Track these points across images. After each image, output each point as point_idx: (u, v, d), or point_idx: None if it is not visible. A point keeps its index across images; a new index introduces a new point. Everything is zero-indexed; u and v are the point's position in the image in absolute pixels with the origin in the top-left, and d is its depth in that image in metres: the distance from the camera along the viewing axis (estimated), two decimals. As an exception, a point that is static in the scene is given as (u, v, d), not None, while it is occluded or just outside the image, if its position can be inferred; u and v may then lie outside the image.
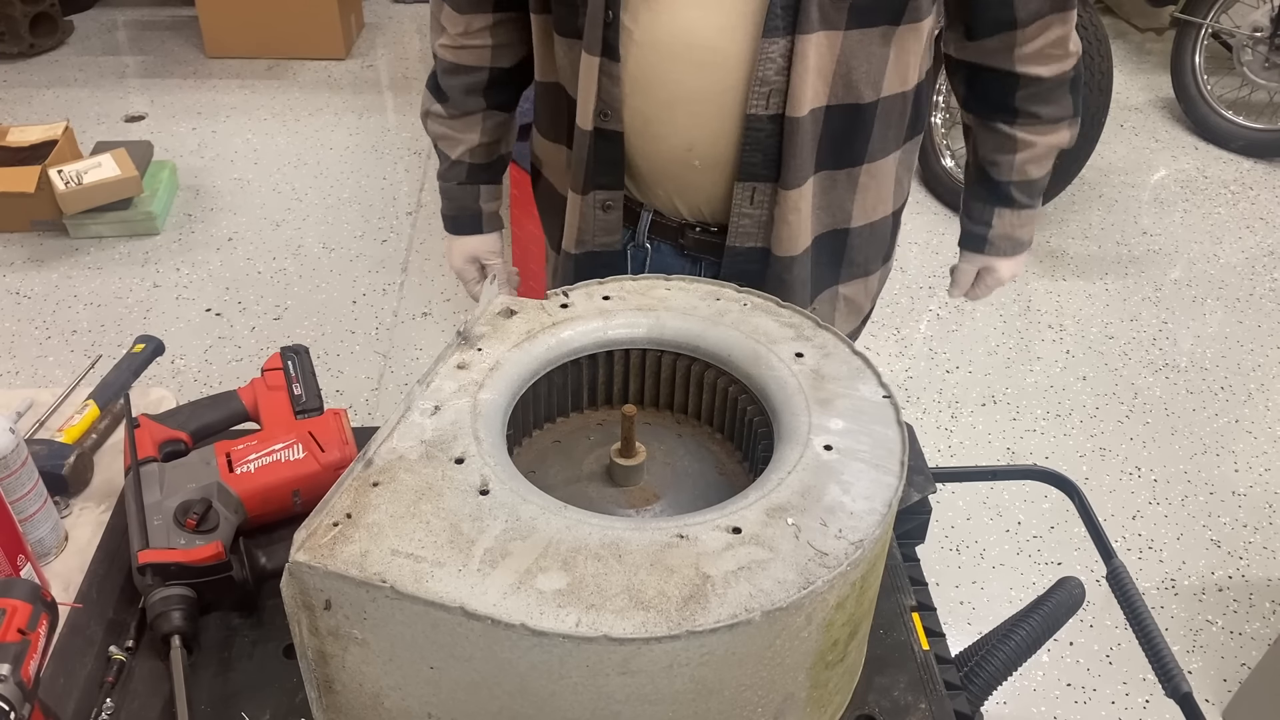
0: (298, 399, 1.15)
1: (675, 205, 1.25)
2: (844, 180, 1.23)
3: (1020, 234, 1.41)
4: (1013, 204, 1.37)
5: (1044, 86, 1.26)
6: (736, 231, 1.22)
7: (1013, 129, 1.31)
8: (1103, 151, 3.77)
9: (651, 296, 1.02)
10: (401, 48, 4.63)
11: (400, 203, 3.51)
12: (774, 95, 1.11)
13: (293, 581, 0.75)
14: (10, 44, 4.33)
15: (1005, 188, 1.36)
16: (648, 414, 1.03)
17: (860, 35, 1.10)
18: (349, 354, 2.84)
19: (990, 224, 1.40)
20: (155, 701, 0.93)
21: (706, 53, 1.11)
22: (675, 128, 1.17)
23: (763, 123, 1.13)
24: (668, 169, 1.21)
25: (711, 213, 1.24)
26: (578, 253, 1.30)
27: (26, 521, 1.06)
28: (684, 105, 1.15)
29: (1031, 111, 1.28)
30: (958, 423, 2.67)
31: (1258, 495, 2.47)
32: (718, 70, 1.12)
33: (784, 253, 1.22)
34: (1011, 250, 1.42)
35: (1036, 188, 1.37)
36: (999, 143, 1.33)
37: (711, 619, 0.69)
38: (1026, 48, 1.22)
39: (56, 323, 2.90)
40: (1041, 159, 1.34)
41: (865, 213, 1.28)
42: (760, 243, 1.22)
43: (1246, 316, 3.08)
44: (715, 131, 1.16)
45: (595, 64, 1.14)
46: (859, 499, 0.79)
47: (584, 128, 1.19)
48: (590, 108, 1.17)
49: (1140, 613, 1.18)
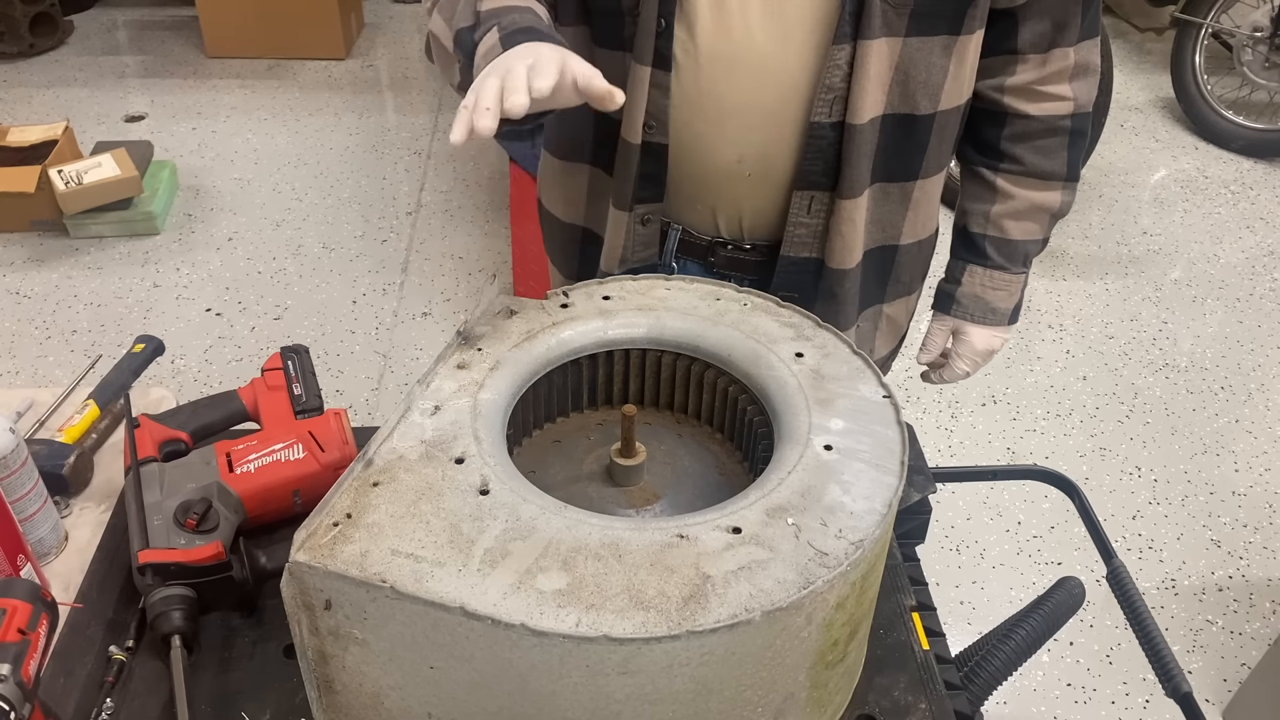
0: (298, 399, 1.15)
1: (714, 220, 1.22)
2: (897, 194, 1.20)
3: (991, 298, 1.30)
4: (985, 261, 1.28)
5: (1031, 128, 1.20)
6: (791, 241, 1.19)
7: (994, 175, 1.25)
8: (1103, 151, 3.77)
9: (651, 296, 1.02)
10: (401, 48, 4.63)
11: (400, 203, 3.51)
12: (837, 102, 1.09)
13: (293, 581, 0.75)
14: (10, 44, 4.33)
15: (979, 242, 1.28)
16: (648, 414, 1.03)
17: (920, 43, 1.08)
18: (349, 354, 2.84)
19: (959, 281, 1.31)
20: (155, 701, 0.93)
21: (766, 62, 1.09)
22: (726, 138, 1.14)
23: (824, 130, 1.10)
24: (713, 181, 1.18)
25: (752, 226, 1.21)
26: (620, 271, 1.25)
27: (26, 521, 1.06)
28: (737, 115, 1.12)
29: (1016, 156, 1.22)
30: (958, 423, 2.67)
31: (1258, 495, 2.47)
32: (776, 80, 1.10)
33: (837, 265, 1.18)
34: (982, 316, 1.31)
35: (1015, 251, 1.27)
36: (977, 191, 1.28)
37: (711, 619, 0.69)
38: (1019, 78, 1.18)
39: (56, 323, 2.90)
40: (1022, 216, 1.25)
41: (915, 230, 1.24)
42: (815, 254, 1.19)
43: (1246, 316, 3.08)
44: (767, 141, 1.13)
45: (646, 74, 1.11)
46: (859, 499, 0.79)
47: (631, 141, 1.15)
48: (639, 120, 1.13)
49: (1140, 613, 1.18)
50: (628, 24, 1.11)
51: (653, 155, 1.16)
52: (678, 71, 1.11)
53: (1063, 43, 1.16)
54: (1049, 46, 1.16)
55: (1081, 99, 1.20)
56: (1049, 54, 1.16)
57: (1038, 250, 1.30)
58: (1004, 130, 1.22)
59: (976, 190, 1.28)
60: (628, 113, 1.14)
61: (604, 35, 1.15)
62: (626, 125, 1.15)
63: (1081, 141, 1.22)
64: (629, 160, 1.17)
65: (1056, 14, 1.13)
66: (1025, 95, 1.19)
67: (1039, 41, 1.15)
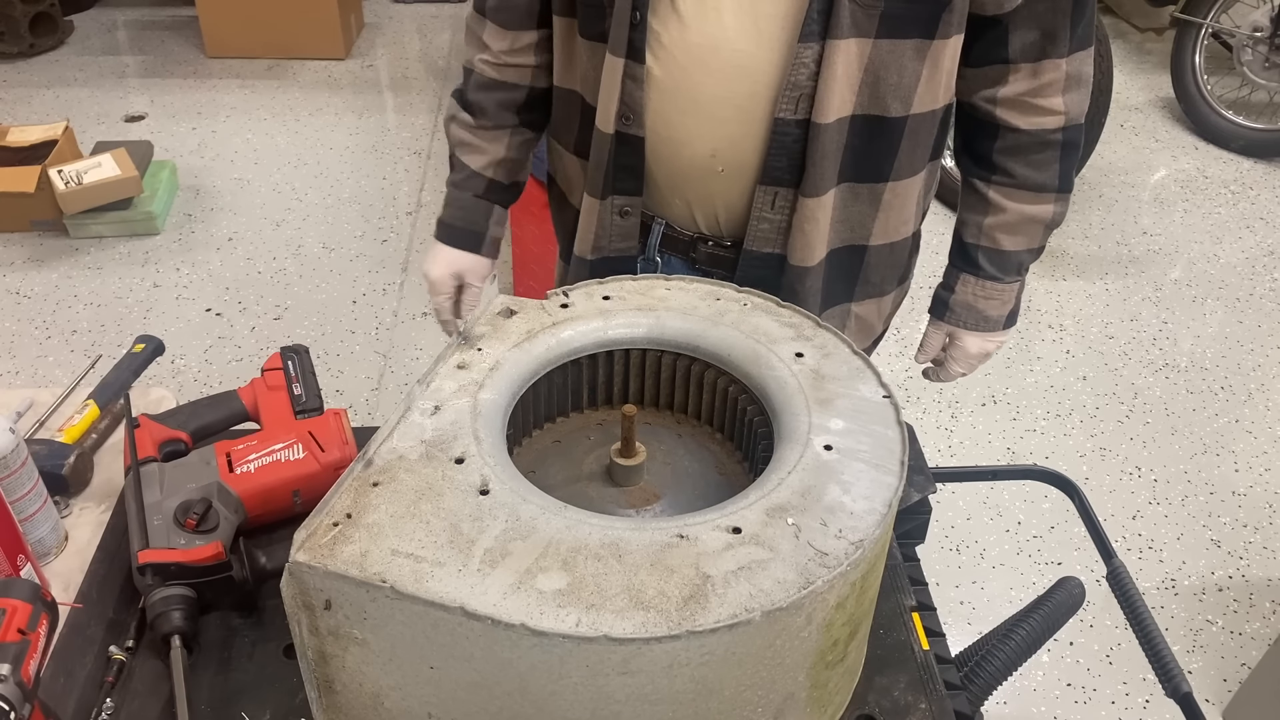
0: (298, 399, 1.15)
1: (692, 215, 1.23)
2: (866, 195, 1.20)
3: (984, 307, 1.31)
4: (977, 271, 1.30)
5: (1021, 142, 1.20)
6: (754, 236, 1.20)
7: (986, 187, 1.25)
8: (1103, 151, 3.77)
9: (651, 296, 1.02)
10: (401, 48, 4.63)
11: (400, 203, 3.51)
12: (803, 100, 1.09)
13: (293, 581, 0.75)
14: (10, 44, 4.33)
15: (972, 252, 1.29)
16: (648, 414, 1.03)
17: (891, 45, 1.08)
18: (349, 354, 2.84)
19: (953, 289, 1.33)
20: (155, 701, 0.93)
21: (737, 56, 1.10)
22: (699, 132, 1.15)
23: (790, 127, 1.11)
24: (689, 175, 1.19)
25: (727, 222, 1.23)
26: (593, 259, 1.28)
27: (26, 521, 1.06)
28: (709, 110, 1.13)
29: (1007, 169, 1.22)
30: (958, 423, 2.67)
31: (1258, 495, 2.47)
32: (747, 75, 1.10)
33: (799, 262, 1.19)
34: (974, 324, 1.33)
35: (1008, 261, 1.28)
36: (972, 201, 1.28)
37: (711, 619, 0.69)
38: (1010, 89, 1.18)
39: (56, 323, 2.90)
40: (1014, 229, 1.26)
41: (886, 232, 1.25)
42: (777, 249, 1.20)
43: (1246, 316, 3.08)
44: (739, 136, 1.14)
45: (620, 66, 1.12)
46: (859, 499, 0.79)
47: (605, 131, 1.17)
48: (612, 111, 1.15)
49: (1140, 613, 1.18)
50: (607, 16, 1.12)
51: (629, 147, 1.18)
52: (654, 64, 1.13)
53: (1054, 54, 1.15)
54: (1039, 57, 1.15)
55: (1073, 112, 1.19)
56: (1040, 64, 1.15)
57: (1032, 259, 1.30)
58: (995, 143, 1.22)
59: (971, 200, 1.29)
60: (602, 103, 1.16)
61: (587, 26, 1.17)
62: (600, 115, 1.17)
63: (1074, 153, 1.22)
64: (601, 149, 1.19)
65: (1045, 23, 1.13)
66: (1017, 108, 1.19)
67: (1029, 51, 1.15)
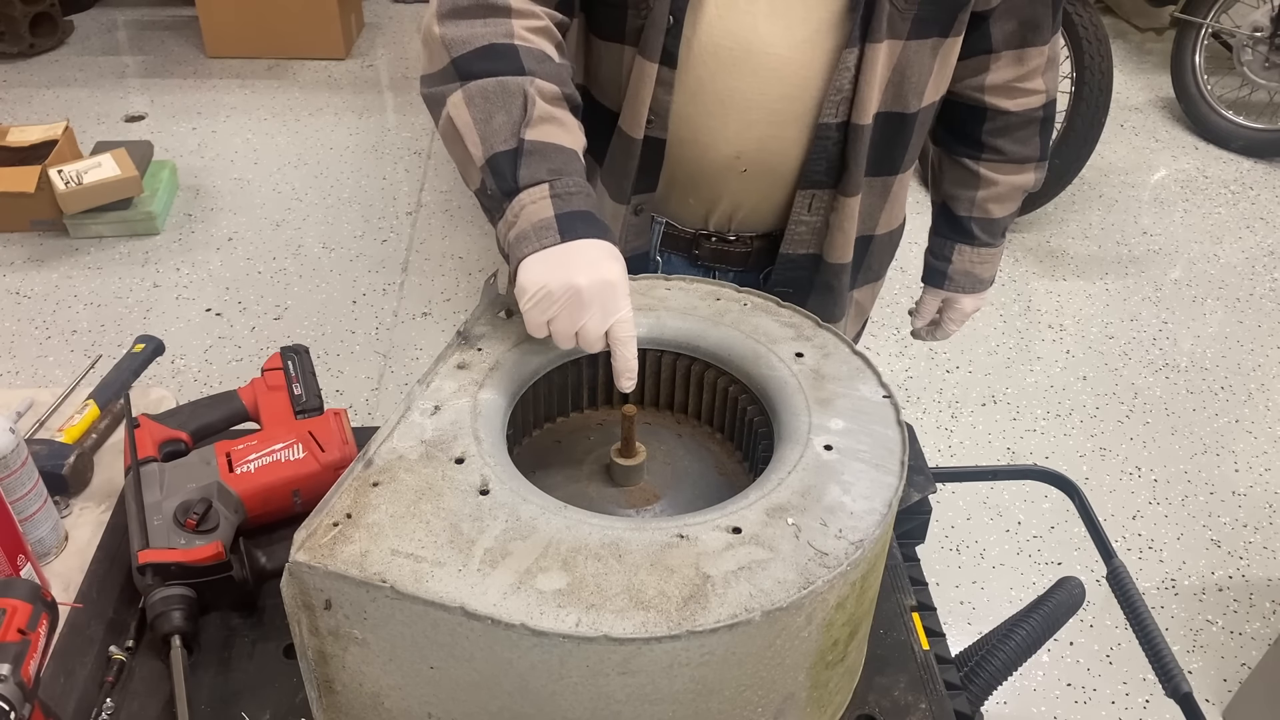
0: (298, 399, 1.15)
1: (703, 213, 1.24)
2: (880, 188, 1.25)
3: (980, 271, 1.42)
4: (973, 240, 1.39)
5: (1010, 122, 1.28)
6: (791, 239, 1.22)
7: (977, 165, 1.33)
8: (1103, 151, 3.77)
9: (651, 296, 1.02)
10: (401, 48, 4.63)
11: (400, 203, 3.51)
12: (843, 103, 1.12)
13: (293, 581, 0.75)
14: (10, 44, 4.33)
15: (966, 223, 1.38)
16: (648, 414, 1.03)
17: (916, 45, 1.12)
18: (349, 354, 2.84)
19: (950, 259, 1.41)
20: (155, 701, 0.93)
21: (770, 60, 1.10)
22: (725, 134, 1.15)
23: (831, 131, 1.13)
24: (708, 175, 1.20)
25: (742, 220, 1.24)
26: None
27: (26, 521, 1.06)
28: (739, 113, 1.13)
29: (996, 147, 1.30)
30: (958, 423, 2.67)
31: (1258, 495, 2.47)
32: (780, 78, 1.11)
33: (835, 259, 1.23)
34: (971, 287, 1.44)
35: (998, 226, 1.39)
36: (962, 178, 1.35)
37: (711, 619, 0.69)
38: (995, 76, 1.24)
39: (56, 323, 2.90)
40: (1004, 198, 1.35)
41: (889, 221, 1.31)
42: (813, 249, 1.23)
43: (1246, 316, 3.08)
44: (768, 138, 1.15)
45: (653, 71, 1.10)
46: (859, 499, 0.79)
47: (633, 136, 1.15)
48: (642, 116, 1.14)
49: (1140, 613, 1.18)
50: (631, 17, 1.10)
51: (651, 149, 1.17)
52: (681, 68, 1.12)
53: (1038, 42, 1.22)
54: (1022, 44, 1.22)
55: (1051, 89, 1.29)
56: (1025, 51, 1.22)
57: (1012, 220, 1.42)
58: (984, 125, 1.29)
59: (961, 176, 1.36)
60: (630, 106, 1.14)
61: (603, 27, 1.15)
62: (628, 119, 1.15)
63: (1050, 126, 1.33)
64: (629, 154, 1.17)
65: (1024, 14, 1.19)
66: (1004, 93, 1.26)
67: (1010, 39, 1.21)
